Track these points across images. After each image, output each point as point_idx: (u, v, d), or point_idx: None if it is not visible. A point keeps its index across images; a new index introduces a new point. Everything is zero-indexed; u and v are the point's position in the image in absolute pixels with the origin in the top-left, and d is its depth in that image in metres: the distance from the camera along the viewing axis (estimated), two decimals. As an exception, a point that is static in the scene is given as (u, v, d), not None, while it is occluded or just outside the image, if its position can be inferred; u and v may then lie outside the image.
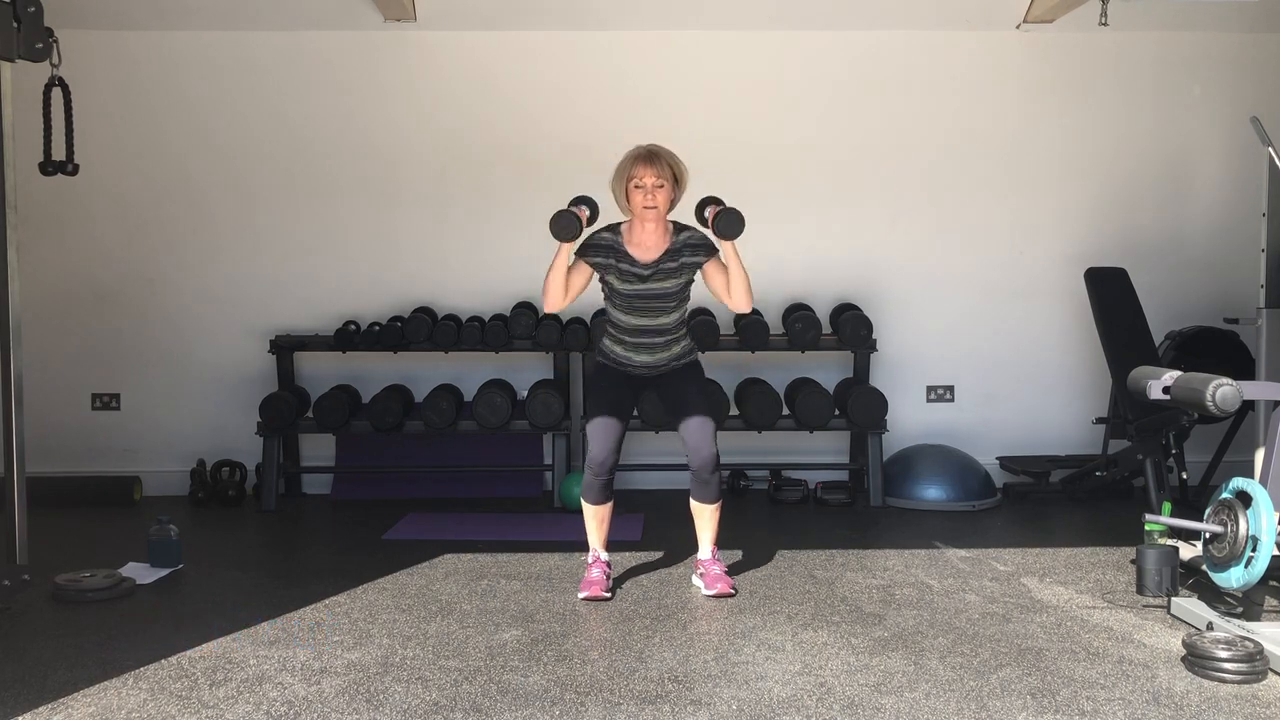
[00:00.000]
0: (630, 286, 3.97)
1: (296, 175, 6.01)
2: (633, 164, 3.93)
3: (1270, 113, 5.27)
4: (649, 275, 3.96)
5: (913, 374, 6.10)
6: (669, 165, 3.93)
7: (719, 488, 4.08)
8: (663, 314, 4.02)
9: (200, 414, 6.00)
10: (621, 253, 3.98)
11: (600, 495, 4.07)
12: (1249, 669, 3.11)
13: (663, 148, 3.98)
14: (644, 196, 3.91)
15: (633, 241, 3.99)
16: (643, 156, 3.93)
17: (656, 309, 4.01)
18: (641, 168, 3.91)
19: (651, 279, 3.97)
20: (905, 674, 3.21)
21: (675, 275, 3.99)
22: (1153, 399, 3.68)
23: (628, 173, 3.93)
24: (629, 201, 3.96)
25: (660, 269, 3.97)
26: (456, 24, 5.90)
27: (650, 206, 3.91)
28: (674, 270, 3.98)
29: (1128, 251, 5.88)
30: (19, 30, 3.74)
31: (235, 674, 3.22)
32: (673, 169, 3.95)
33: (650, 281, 3.97)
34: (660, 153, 3.95)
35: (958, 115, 6.04)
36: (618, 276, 3.97)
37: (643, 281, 3.96)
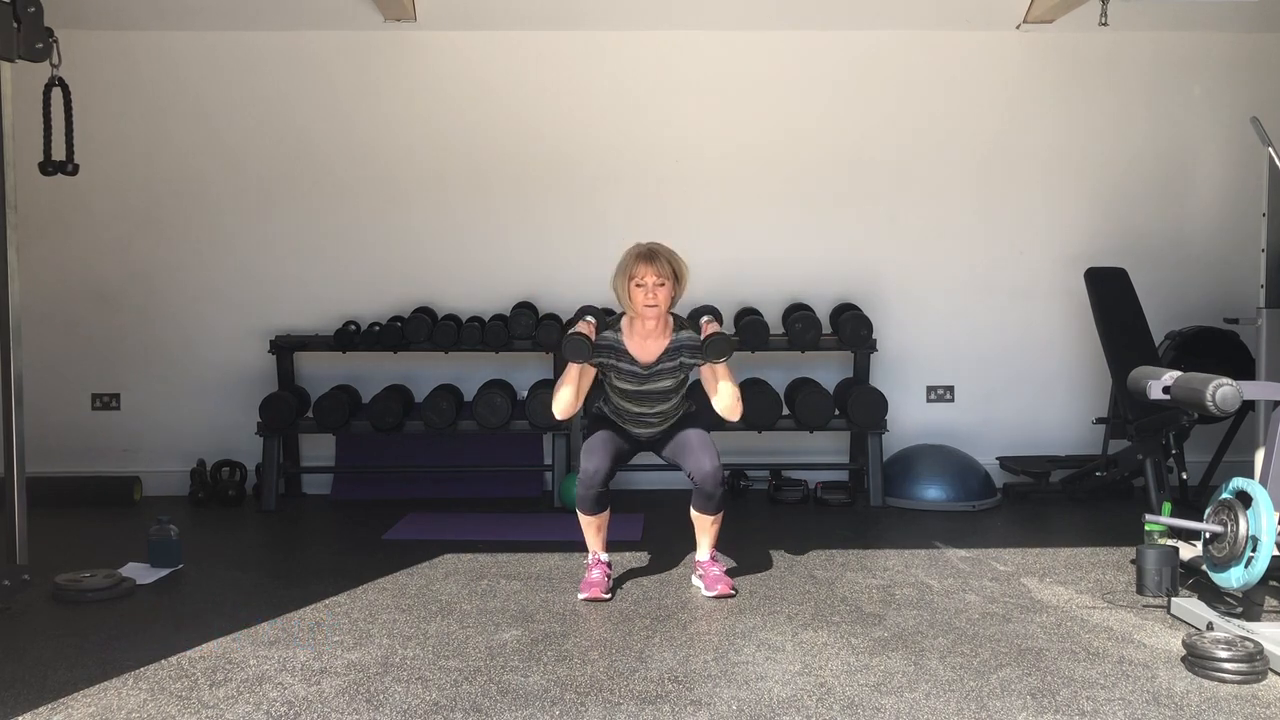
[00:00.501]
0: (629, 385, 4.08)
1: (296, 175, 6.01)
2: (634, 263, 3.99)
3: (1270, 113, 5.27)
4: (648, 375, 4.06)
5: (913, 374, 6.10)
6: (669, 263, 4.00)
7: (721, 501, 4.09)
8: (661, 401, 4.12)
9: (200, 414, 6.00)
10: (622, 351, 4.06)
11: (594, 507, 4.08)
12: (1249, 669, 3.12)
13: (663, 246, 4.05)
14: (645, 295, 3.97)
15: (633, 338, 4.07)
16: (644, 255, 3.99)
17: (656, 398, 4.11)
18: (643, 267, 3.97)
19: (650, 379, 4.06)
20: (905, 674, 3.21)
21: (673, 374, 4.08)
22: (1153, 399, 3.68)
23: (629, 271, 3.99)
24: (630, 299, 4.00)
25: (659, 369, 4.06)
26: (457, 24, 5.90)
27: (651, 305, 3.98)
28: (672, 369, 4.08)
29: (1128, 251, 5.88)
30: (19, 30, 3.74)
31: (235, 674, 3.22)
32: (673, 266, 4.01)
33: (649, 381, 4.06)
34: (660, 251, 4.01)
35: (958, 115, 6.04)
36: (617, 375, 4.07)
37: (642, 381, 4.07)
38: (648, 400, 4.10)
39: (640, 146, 5.99)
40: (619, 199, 5.97)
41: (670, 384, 4.09)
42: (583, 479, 4.03)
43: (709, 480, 4.00)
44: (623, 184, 5.99)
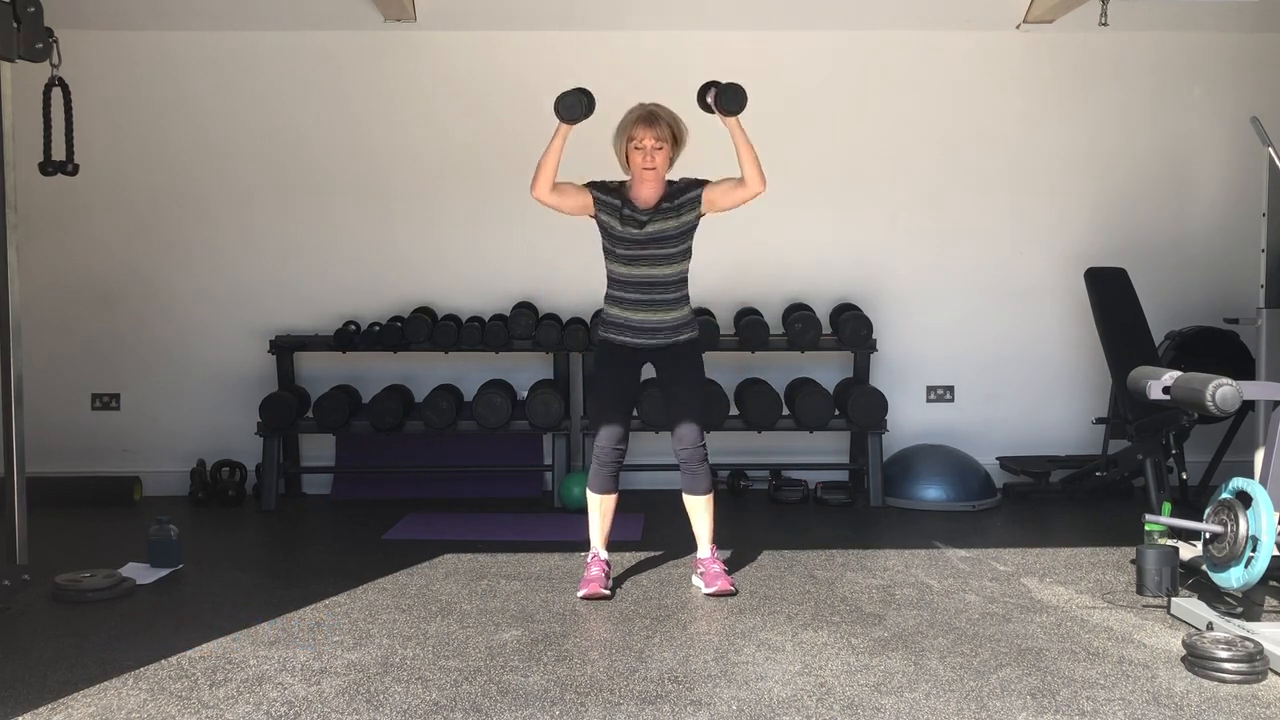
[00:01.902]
0: (631, 230, 4.00)
1: (297, 175, 6.01)
2: (633, 125, 3.97)
3: (1270, 113, 5.27)
4: (648, 220, 4.00)
5: (913, 374, 6.10)
6: (668, 126, 3.98)
7: (708, 479, 4.09)
8: (662, 262, 4.03)
9: (200, 414, 6.00)
10: (625, 199, 4.03)
11: (606, 484, 4.08)
12: (1249, 669, 3.11)
13: (663, 107, 4.01)
14: (643, 158, 3.95)
15: (633, 195, 4.04)
16: (643, 118, 3.96)
17: (656, 257, 4.02)
18: (641, 129, 3.95)
19: (651, 222, 4.00)
20: (905, 674, 3.21)
21: (675, 215, 4.02)
22: (1153, 399, 3.68)
23: (628, 133, 3.98)
24: (628, 161, 4.00)
25: (660, 210, 4.01)
26: (456, 24, 5.90)
27: (649, 168, 3.96)
28: (673, 210, 4.02)
29: (1128, 251, 5.88)
30: (19, 30, 3.74)
31: (235, 674, 3.22)
32: (672, 129, 3.99)
33: (651, 225, 4.00)
34: (660, 113, 3.98)
35: (958, 115, 6.04)
36: (619, 220, 4.01)
37: (643, 226, 4.00)
38: (649, 259, 4.00)
39: (640, 146, 5.99)
40: (619, 199, 5.96)
41: (672, 228, 4.00)
42: (598, 454, 4.03)
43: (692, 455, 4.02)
44: (622, 184, 5.98)
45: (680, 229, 4.03)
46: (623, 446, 4.07)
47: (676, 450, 4.08)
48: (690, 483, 4.09)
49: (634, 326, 4.07)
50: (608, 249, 4.07)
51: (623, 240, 4.02)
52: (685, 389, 4.10)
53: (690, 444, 4.04)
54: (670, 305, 4.07)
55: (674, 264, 4.05)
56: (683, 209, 4.02)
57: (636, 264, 4.03)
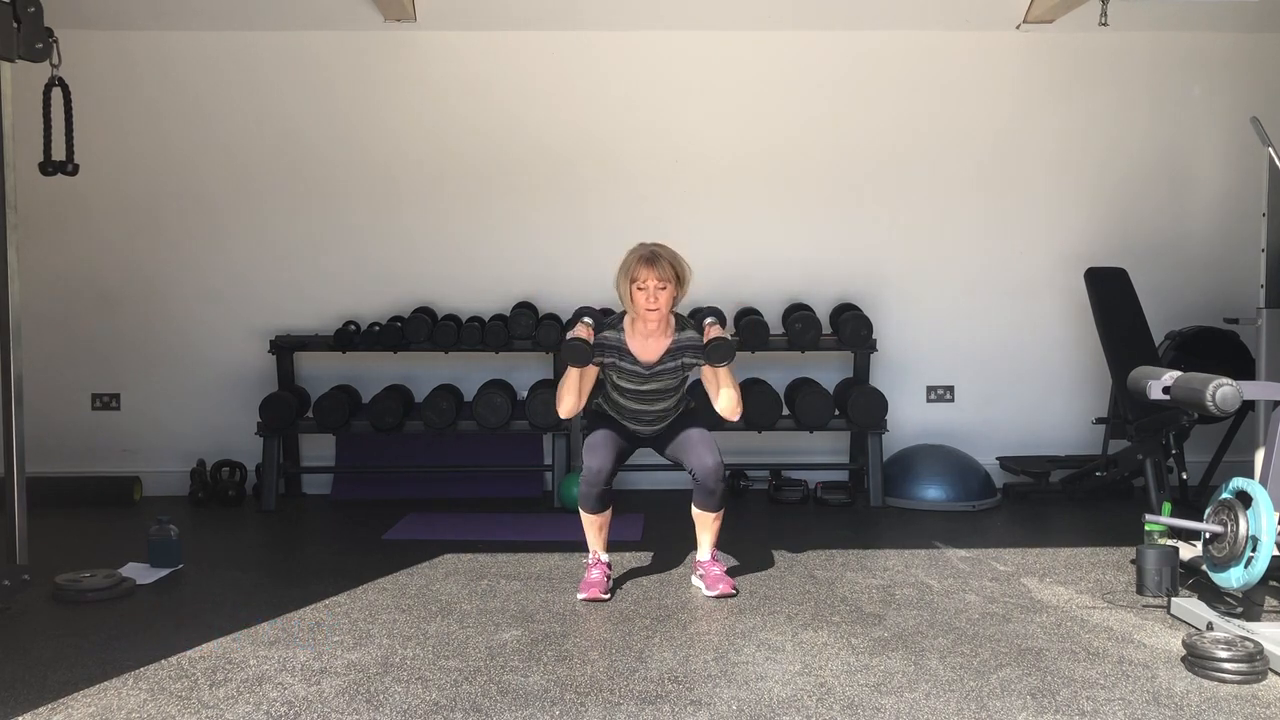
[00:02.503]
0: (631, 385, 4.08)
1: (296, 175, 6.01)
2: (636, 265, 3.98)
3: (1270, 113, 5.27)
4: (650, 375, 4.06)
5: (913, 374, 6.10)
6: (671, 266, 3.99)
7: (723, 498, 4.09)
8: (662, 400, 4.13)
9: (200, 414, 6.00)
10: (624, 351, 4.06)
11: (597, 505, 4.08)
12: (1249, 669, 3.12)
13: (665, 248, 4.03)
14: (647, 299, 3.97)
15: (635, 338, 4.07)
16: (645, 258, 3.98)
17: (656, 396, 4.12)
18: (644, 270, 3.96)
19: (652, 379, 4.07)
20: (905, 674, 3.21)
21: (675, 374, 4.09)
22: (1153, 399, 3.68)
23: (631, 273, 3.99)
24: (632, 301, 4.01)
25: (661, 369, 4.06)
26: (456, 24, 5.90)
27: (653, 309, 3.98)
28: (674, 369, 4.08)
29: (1128, 251, 5.88)
30: (19, 30, 3.74)
31: (235, 674, 3.22)
32: (675, 269, 4.00)
33: (651, 381, 4.07)
34: (662, 254, 4.00)
35: (958, 115, 6.04)
36: (619, 374, 4.08)
37: (644, 381, 4.07)
38: (648, 398, 4.11)
39: (640, 146, 5.99)
40: (619, 199, 5.97)
41: (672, 383, 4.10)
42: (585, 477, 4.03)
43: (710, 476, 4.01)
44: (622, 184, 5.99)
45: (679, 381, 4.14)
46: (613, 469, 4.08)
47: (695, 471, 4.06)
48: (704, 500, 4.09)
49: (632, 424, 4.20)
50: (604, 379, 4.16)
51: (621, 388, 4.12)
52: (693, 430, 4.15)
53: (709, 464, 4.02)
54: (667, 415, 4.20)
55: (672, 395, 4.16)
56: (682, 368, 4.11)
57: (637, 399, 4.12)
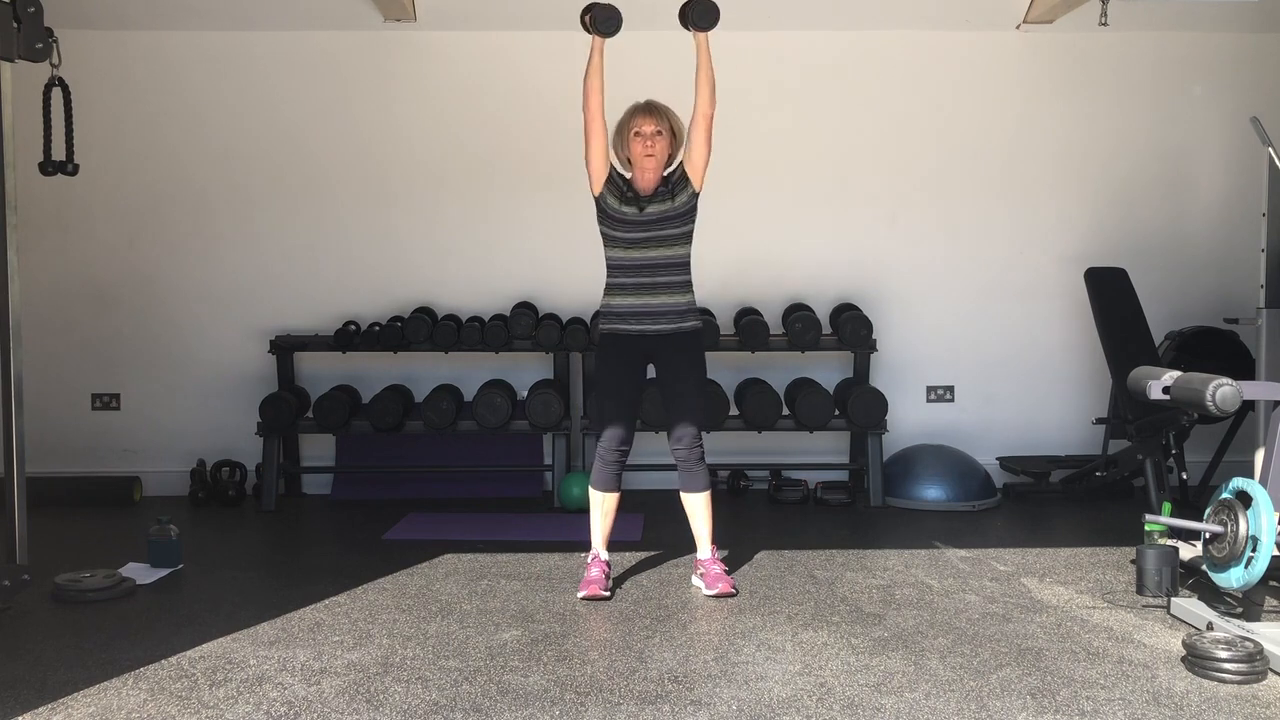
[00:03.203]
0: (633, 211, 4.04)
1: (296, 175, 6.01)
2: (633, 115, 4.07)
3: (1270, 113, 5.27)
4: (648, 203, 4.06)
5: (913, 374, 6.10)
6: (666, 116, 4.07)
7: (705, 477, 4.10)
8: (664, 244, 4.06)
9: (200, 414, 6.00)
10: (628, 182, 4.10)
11: (609, 482, 4.09)
12: (1249, 669, 3.11)
13: (660, 102, 4.11)
14: (644, 145, 4.02)
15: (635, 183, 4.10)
16: (642, 107, 4.08)
17: (657, 239, 4.05)
18: (641, 117, 4.05)
19: (651, 203, 4.05)
20: (905, 674, 3.21)
21: (670, 197, 4.06)
22: (1153, 399, 3.68)
23: (628, 124, 4.06)
24: (629, 152, 4.06)
25: (656, 193, 4.07)
26: (456, 24, 5.90)
27: (650, 154, 4.02)
28: (667, 193, 4.07)
29: (1128, 251, 5.88)
30: (19, 30, 3.74)
31: (235, 674, 3.22)
32: (670, 120, 4.07)
33: (650, 206, 4.05)
34: (658, 105, 4.09)
35: (958, 115, 6.04)
36: (620, 199, 4.05)
37: (642, 209, 4.05)
38: (651, 242, 4.03)
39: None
40: (619, 199, 5.97)
41: (671, 212, 4.04)
42: (602, 451, 4.04)
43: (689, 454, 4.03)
44: (623, 184, 5.99)
45: (679, 209, 4.07)
46: (626, 446, 4.08)
47: (673, 449, 4.09)
48: (687, 480, 4.10)
49: (636, 312, 4.06)
50: (608, 234, 4.09)
51: (622, 222, 4.05)
52: (686, 386, 4.10)
53: (687, 444, 4.05)
54: (672, 289, 4.08)
55: (675, 245, 4.08)
56: (676, 188, 4.08)
57: (638, 247, 4.05)
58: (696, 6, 3.94)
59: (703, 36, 4.02)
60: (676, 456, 4.09)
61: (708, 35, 4.02)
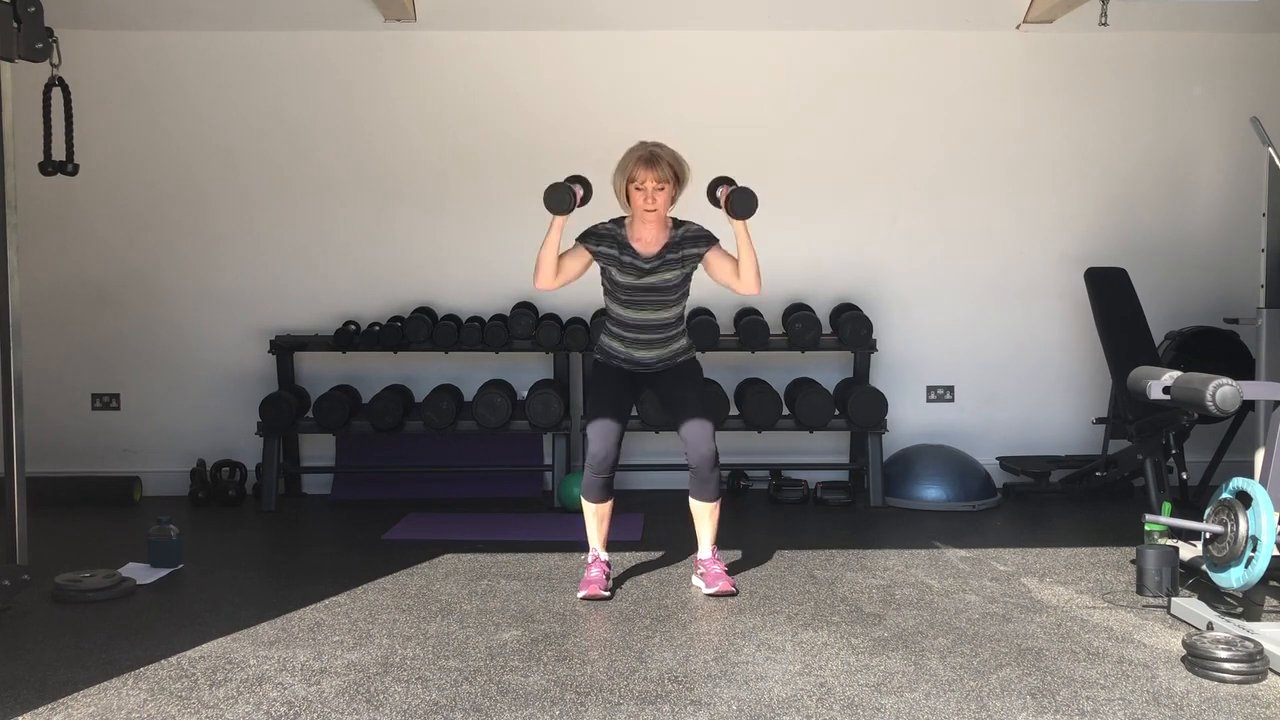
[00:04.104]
0: (631, 279, 3.99)
1: (296, 175, 6.01)
2: (634, 165, 3.92)
3: (1270, 113, 5.27)
4: (650, 269, 3.98)
5: (913, 374, 6.10)
6: (670, 166, 3.93)
7: (718, 486, 4.08)
8: (663, 308, 4.04)
9: (200, 414, 6.00)
10: (624, 244, 4.00)
11: (601, 494, 4.07)
12: (1249, 669, 3.12)
13: (664, 148, 3.97)
14: (644, 199, 3.92)
15: (634, 236, 4.01)
16: (644, 158, 3.92)
17: (657, 302, 4.02)
18: (642, 170, 3.90)
19: (653, 272, 3.99)
20: (905, 674, 3.21)
21: (677, 266, 4.01)
22: (1153, 399, 3.69)
23: (629, 173, 3.93)
24: (629, 200, 3.96)
25: (663, 261, 3.99)
26: (456, 24, 5.90)
27: (650, 210, 3.93)
28: (676, 262, 4.00)
29: (1128, 251, 5.88)
30: (19, 30, 3.74)
31: (235, 674, 3.22)
32: (674, 169, 3.95)
33: (652, 275, 3.99)
34: (661, 154, 3.94)
35: (958, 115, 6.04)
36: (619, 268, 3.99)
37: (643, 275, 3.99)
38: (650, 304, 4.01)
39: (640, 146, 5.99)
40: (619, 199, 5.96)
41: (673, 278, 4.00)
42: (591, 463, 4.02)
43: (705, 462, 3.99)
44: (623, 184, 5.98)
45: (681, 278, 4.05)
46: (615, 455, 4.05)
47: (688, 455, 4.05)
48: (700, 489, 4.08)
49: (632, 360, 4.10)
50: (607, 288, 4.08)
51: (624, 287, 4.02)
52: (690, 394, 4.10)
53: (704, 451, 4.00)
54: (668, 341, 4.10)
55: (673, 307, 4.08)
56: (686, 261, 4.03)
57: (636, 308, 4.04)
58: (737, 198, 3.89)
59: (741, 225, 3.95)
60: (691, 462, 4.05)
61: (746, 223, 3.95)
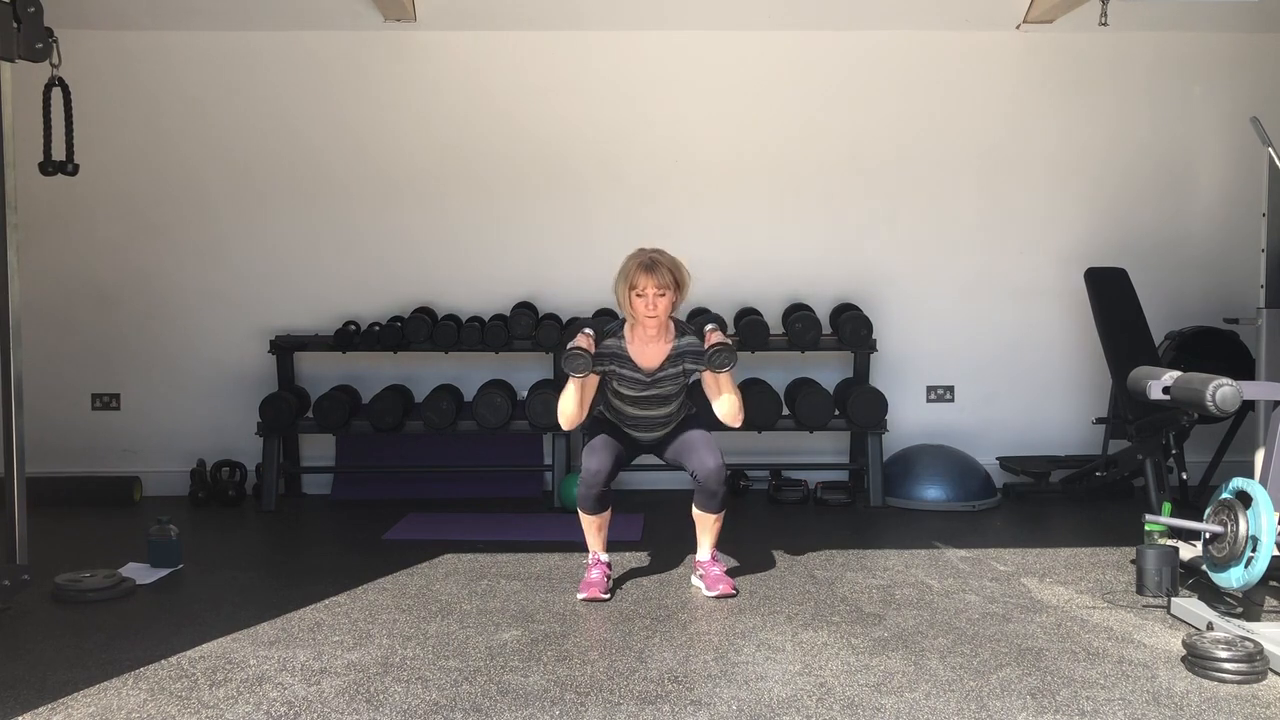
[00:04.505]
0: (632, 392, 4.08)
1: (296, 175, 6.01)
2: (636, 271, 3.98)
3: (1270, 113, 5.27)
4: (651, 382, 4.07)
5: (913, 374, 6.10)
6: (670, 272, 3.99)
7: (724, 499, 4.10)
8: (663, 405, 4.13)
9: (200, 414, 6.00)
10: (624, 359, 4.06)
11: (596, 505, 4.08)
12: (1249, 669, 3.12)
13: (664, 254, 4.03)
14: (646, 306, 3.98)
15: (635, 344, 4.07)
16: (645, 265, 3.98)
17: (658, 403, 4.12)
18: (644, 278, 3.96)
19: (653, 385, 4.07)
20: (905, 674, 3.21)
21: (676, 380, 4.10)
22: (1153, 399, 3.68)
23: (629, 280, 3.99)
24: (631, 307, 4.01)
25: (662, 376, 4.07)
26: (456, 24, 5.90)
27: (651, 316, 3.99)
28: (675, 375, 4.09)
29: (1127, 251, 5.88)
30: (19, 30, 3.74)
31: (235, 674, 3.22)
32: (674, 275, 4.00)
33: (652, 387, 4.08)
34: (661, 261, 3.99)
35: (958, 115, 6.04)
36: (620, 382, 4.08)
37: (645, 388, 4.08)
38: (650, 405, 4.11)
39: (640, 147, 5.99)
40: (618, 199, 5.97)
41: (673, 389, 4.11)
42: (584, 479, 4.03)
43: (712, 478, 4.00)
44: (622, 184, 5.99)
45: (680, 387, 4.13)
46: (609, 479, 4.06)
47: (698, 475, 4.04)
48: (706, 502, 4.09)
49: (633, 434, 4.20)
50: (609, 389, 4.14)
51: (624, 396, 4.11)
52: (695, 431, 4.15)
53: (715, 475, 4.01)
54: (669, 422, 4.18)
55: (673, 401, 4.15)
56: (686, 373, 4.11)
57: (639, 405, 4.12)
58: (716, 358, 3.96)
59: (724, 376, 4.02)
60: (700, 481, 4.05)
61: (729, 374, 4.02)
